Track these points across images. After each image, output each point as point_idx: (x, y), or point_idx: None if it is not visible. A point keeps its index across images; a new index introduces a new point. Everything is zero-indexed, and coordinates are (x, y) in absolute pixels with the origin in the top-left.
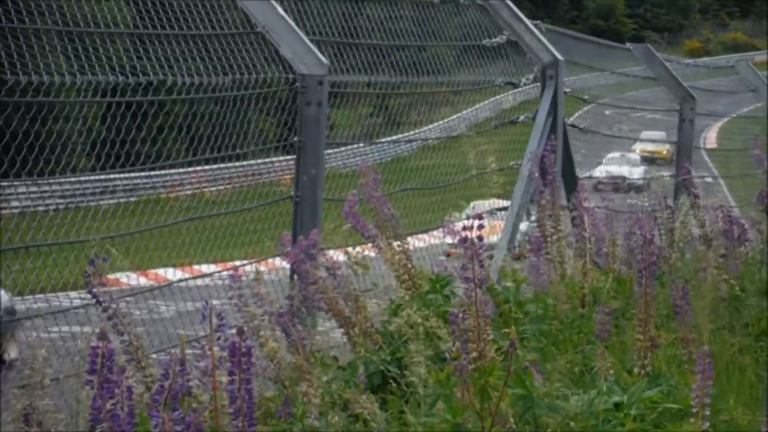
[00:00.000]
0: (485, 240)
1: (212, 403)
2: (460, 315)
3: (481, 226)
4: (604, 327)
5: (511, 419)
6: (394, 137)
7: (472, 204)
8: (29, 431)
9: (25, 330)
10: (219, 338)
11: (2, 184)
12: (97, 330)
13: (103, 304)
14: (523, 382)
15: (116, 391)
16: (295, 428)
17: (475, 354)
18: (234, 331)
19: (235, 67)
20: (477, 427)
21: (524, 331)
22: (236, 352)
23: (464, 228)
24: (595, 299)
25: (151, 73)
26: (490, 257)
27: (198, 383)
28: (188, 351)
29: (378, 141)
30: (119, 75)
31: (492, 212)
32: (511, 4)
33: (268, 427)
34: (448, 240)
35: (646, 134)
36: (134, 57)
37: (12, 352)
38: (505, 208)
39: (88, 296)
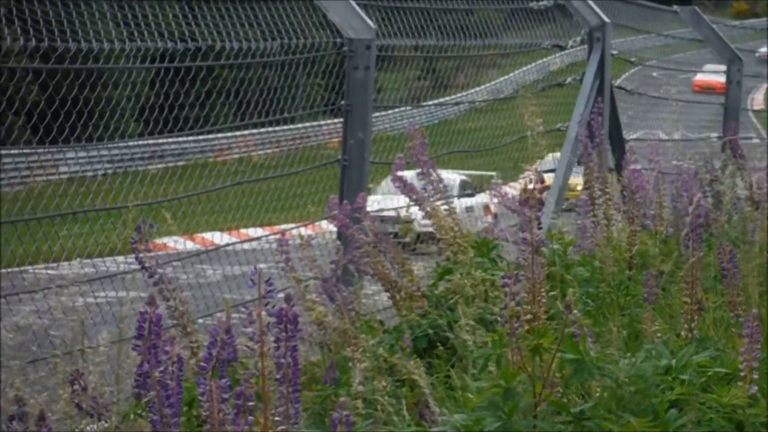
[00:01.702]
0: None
1: (258, 368)
2: (513, 277)
3: (543, 189)
4: (651, 290)
5: (560, 383)
6: (441, 100)
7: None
8: (75, 397)
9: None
10: (267, 304)
11: (51, 149)
12: (143, 295)
13: (149, 270)
14: (575, 346)
15: (163, 359)
16: (340, 393)
17: (528, 316)
18: (281, 295)
19: (283, 32)
20: (528, 390)
21: (572, 294)
22: (283, 319)
23: (525, 189)
24: (643, 262)
25: (200, 38)
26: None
27: (244, 349)
28: (234, 315)
29: (425, 104)
30: (168, 41)
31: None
32: None
33: (313, 392)
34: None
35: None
36: (183, 23)
37: None
38: (552, 170)
39: (135, 261)
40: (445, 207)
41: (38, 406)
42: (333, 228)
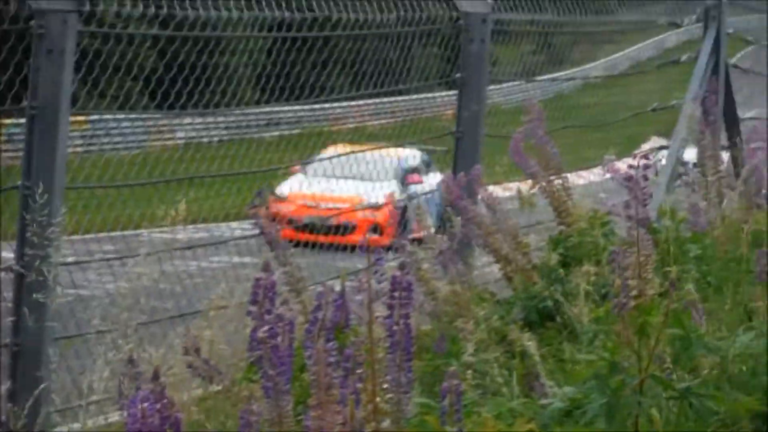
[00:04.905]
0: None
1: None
2: (621, 253)
3: (647, 165)
4: (764, 268)
5: (668, 359)
6: (556, 74)
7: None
8: (189, 359)
9: (187, 260)
10: (377, 272)
11: (169, 115)
12: (257, 261)
13: (267, 236)
14: (681, 323)
15: (276, 322)
16: (451, 363)
17: (635, 292)
18: (392, 264)
19: (399, 4)
20: (634, 365)
21: (684, 271)
22: (397, 286)
23: (630, 166)
24: (756, 240)
25: (316, 8)
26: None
27: (355, 316)
28: (348, 284)
29: (540, 78)
30: (285, 11)
31: (653, 151)
32: None
33: (423, 361)
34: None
35: None
36: None
37: None
38: (666, 147)
39: (250, 227)
40: (559, 181)
41: (151, 366)
42: None
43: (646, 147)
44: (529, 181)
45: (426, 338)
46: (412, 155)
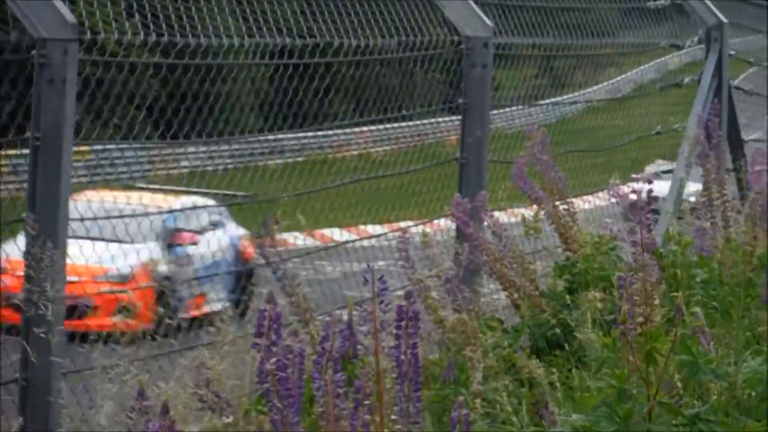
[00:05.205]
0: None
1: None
2: (628, 279)
3: (650, 190)
4: None
5: (678, 384)
6: (559, 98)
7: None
8: (198, 391)
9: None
10: (382, 302)
11: (172, 144)
12: (263, 291)
13: (273, 266)
14: (689, 348)
15: (285, 354)
16: (460, 392)
17: (641, 319)
18: (399, 293)
19: (401, 29)
20: (642, 392)
21: (691, 296)
22: (403, 315)
23: (633, 191)
24: (762, 264)
25: (318, 35)
26: (656, 220)
27: (362, 347)
28: (355, 313)
29: (542, 102)
30: (287, 37)
31: (657, 174)
32: None
33: (431, 391)
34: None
35: None
36: (302, 20)
37: None
38: (671, 171)
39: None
40: (564, 207)
41: (161, 399)
42: (451, 226)
43: (650, 170)
44: (534, 207)
45: (434, 367)
46: (194, 205)
